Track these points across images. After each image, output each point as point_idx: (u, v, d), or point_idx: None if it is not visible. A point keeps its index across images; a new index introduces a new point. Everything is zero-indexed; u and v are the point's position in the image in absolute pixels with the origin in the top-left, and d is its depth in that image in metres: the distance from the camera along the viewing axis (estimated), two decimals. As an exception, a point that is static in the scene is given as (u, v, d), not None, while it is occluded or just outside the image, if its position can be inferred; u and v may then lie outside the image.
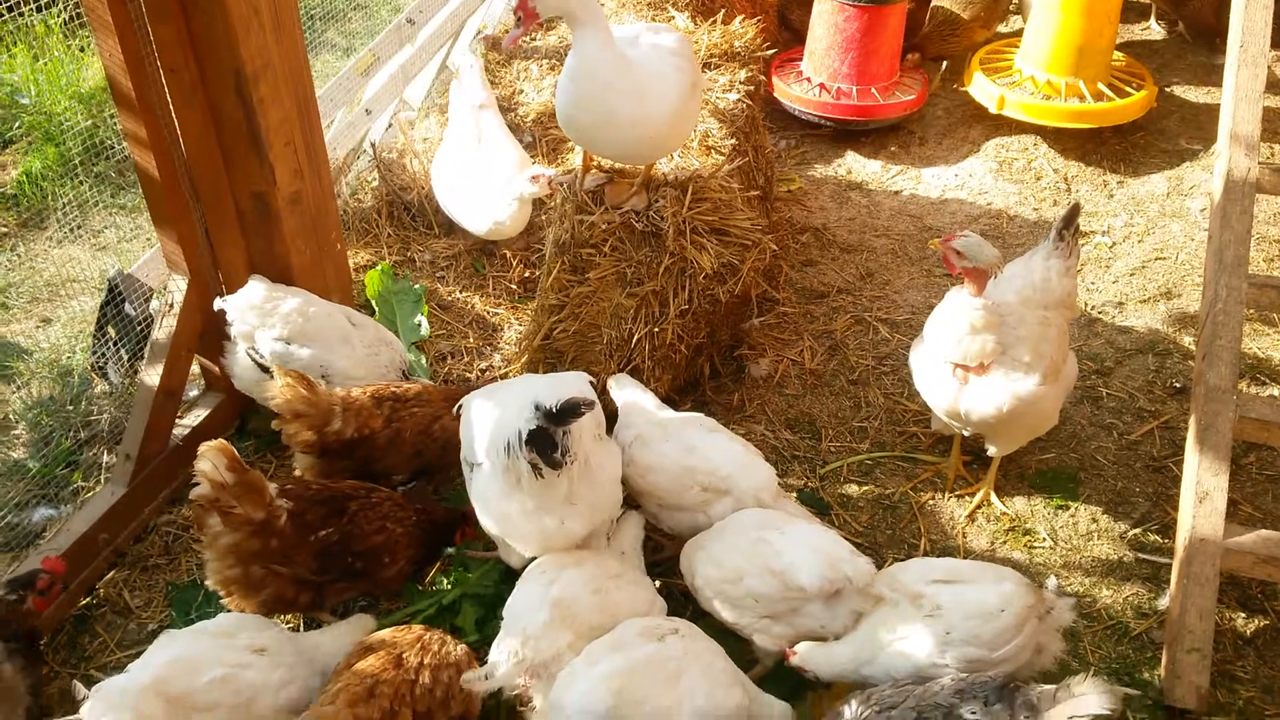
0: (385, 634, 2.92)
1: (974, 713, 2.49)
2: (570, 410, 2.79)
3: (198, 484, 3.01)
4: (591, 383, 3.35)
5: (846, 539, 3.26)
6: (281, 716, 2.79)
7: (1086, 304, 4.77)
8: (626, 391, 3.69)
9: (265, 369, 3.65)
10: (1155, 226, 5.21)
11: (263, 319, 3.62)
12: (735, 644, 3.09)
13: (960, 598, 2.89)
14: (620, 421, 3.61)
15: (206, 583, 3.19)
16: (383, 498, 3.38)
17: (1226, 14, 4.10)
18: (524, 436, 2.84)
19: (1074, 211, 3.73)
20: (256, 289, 3.66)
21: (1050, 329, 3.58)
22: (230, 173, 3.73)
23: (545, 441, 2.84)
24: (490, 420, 3.06)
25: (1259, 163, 3.70)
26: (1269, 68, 3.80)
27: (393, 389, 3.67)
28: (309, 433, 3.43)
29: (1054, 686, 2.50)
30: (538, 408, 2.85)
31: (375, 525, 3.27)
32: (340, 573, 3.21)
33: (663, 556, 3.57)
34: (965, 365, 3.51)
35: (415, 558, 3.39)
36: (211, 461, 2.97)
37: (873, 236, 5.26)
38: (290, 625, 3.45)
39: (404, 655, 2.79)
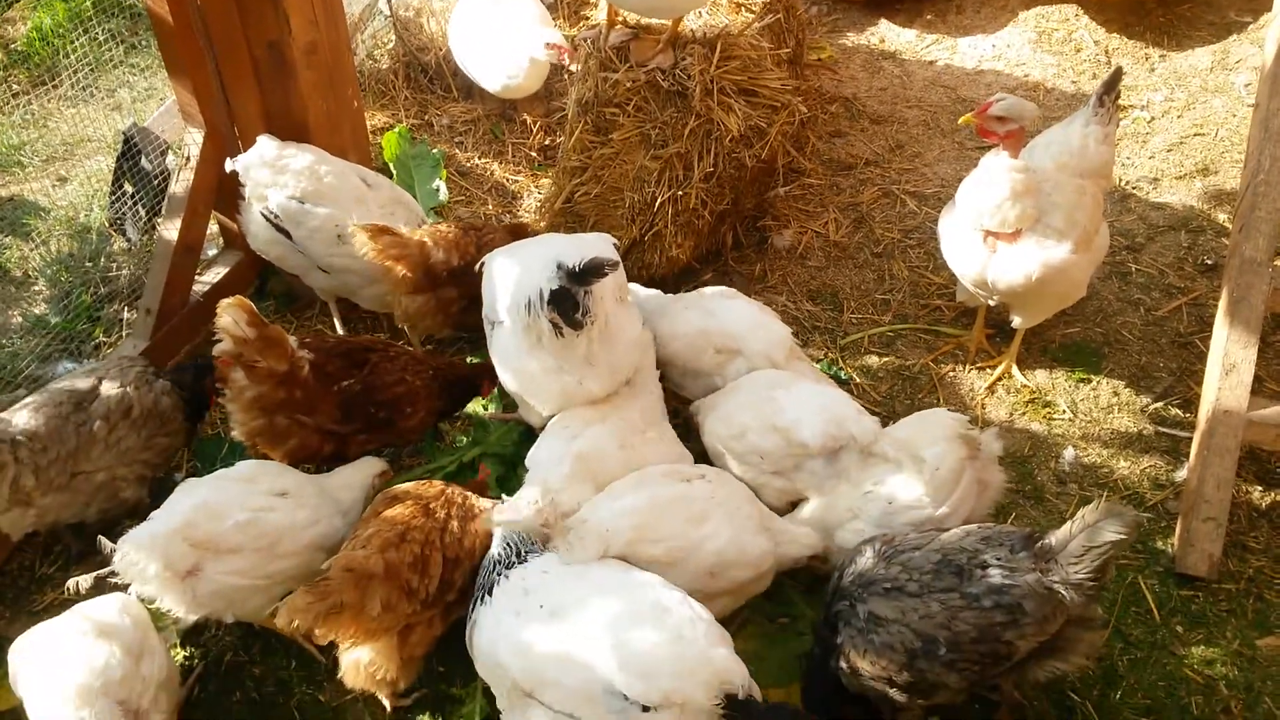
0: (408, 486, 2.96)
1: (998, 559, 2.52)
2: (594, 270, 2.76)
3: (219, 340, 3.03)
4: (615, 245, 3.32)
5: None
6: (306, 554, 2.85)
7: (1120, 179, 4.64)
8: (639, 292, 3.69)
9: (281, 229, 3.60)
10: (1196, 102, 5.03)
11: (274, 177, 3.56)
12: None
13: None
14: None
15: (233, 434, 3.23)
16: (399, 352, 3.41)
17: None
18: (545, 296, 2.81)
19: (1115, 77, 3.60)
20: (267, 146, 3.59)
21: (1085, 197, 3.49)
22: (245, 21, 3.62)
23: (567, 301, 2.82)
24: (512, 278, 3.04)
25: (1315, 26, 3.53)
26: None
27: (463, 222, 3.73)
28: (411, 272, 3.47)
29: (1069, 524, 2.51)
30: (560, 267, 2.82)
31: (395, 377, 3.30)
32: (363, 423, 3.24)
33: None
34: (998, 232, 3.44)
35: (435, 409, 3.42)
36: (232, 317, 2.97)
37: (904, 108, 5.10)
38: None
39: (431, 505, 2.83)
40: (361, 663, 2.67)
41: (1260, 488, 3.53)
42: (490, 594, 2.56)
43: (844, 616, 2.61)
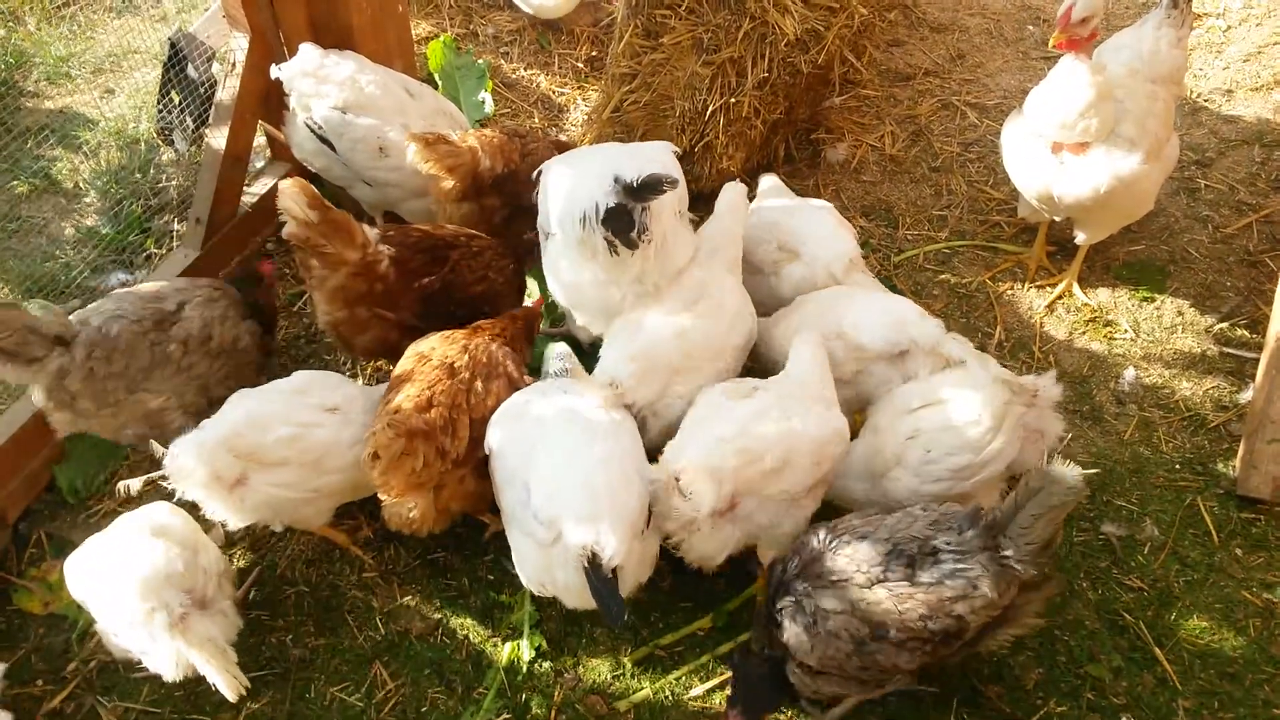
0: (434, 341, 2.94)
1: (949, 543, 2.44)
2: (653, 186, 2.67)
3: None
4: (676, 153, 3.17)
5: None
6: (353, 470, 2.84)
7: (1192, 91, 4.45)
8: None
9: (325, 140, 3.55)
10: (1277, 7, 4.77)
11: (317, 86, 3.49)
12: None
13: (938, 413, 2.78)
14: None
15: (319, 323, 3.22)
16: (484, 245, 3.36)
17: None
18: (601, 212, 2.73)
19: None
20: (310, 54, 3.52)
21: (1157, 103, 3.34)
22: (283, -78, 3.53)
23: (623, 218, 2.73)
24: (567, 189, 2.95)
25: None
26: None
27: (508, 127, 3.64)
28: (460, 182, 3.40)
29: (1013, 494, 2.40)
30: (618, 180, 2.73)
31: (477, 274, 3.28)
32: (444, 320, 3.19)
33: None
34: (1068, 144, 3.30)
35: (516, 307, 3.39)
36: (292, 199, 2.92)
37: (966, 15, 4.90)
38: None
39: (455, 365, 2.84)
40: (403, 513, 2.74)
41: (1329, 410, 3.41)
42: None
43: (789, 612, 2.52)
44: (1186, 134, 4.25)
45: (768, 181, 3.65)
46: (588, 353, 3.48)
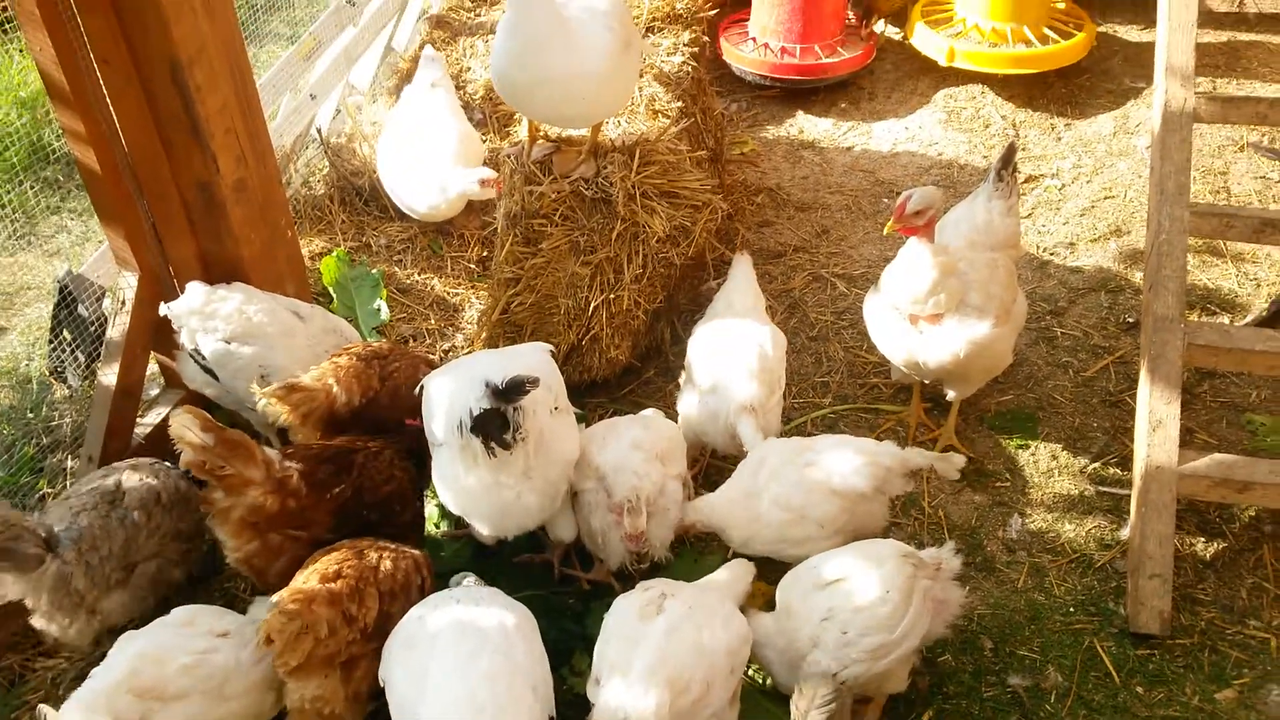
0: (341, 541, 3.01)
1: None
2: (517, 387, 2.81)
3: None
4: (551, 352, 3.38)
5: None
6: (256, 693, 2.80)
7: (1038, 246, 4.82)
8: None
9: (210, 371, 3.63)
10: (1103, 166, 5.27)
11: (204, 322, 3.58)
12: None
13: (848, 593, 2.85)
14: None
15: (228, 560, 3.16)
16: (381, 445, 3.39)
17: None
18: (473, 417, 2.85)
19: (1010, 152, 3.78)
20: (196, 292, 3.62)
21: (999, 270, 3.62)
22: (173, 163, 3.69)
23: (495, 421, 2.85)
24: (447, 398, 3.07)
25: (1195, 93, 3.74)
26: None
27: (368, 347, 3.68)
28: (320, 424, 3.42)
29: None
30: (488, 385, 2.86)
31: (384, 474, 3.30)
32: (355, 528, 3.19)
33: (592, 577, 3.49)
34: (923, 316, 3.55)
35: (422, 508, 3.40)
36: (184, 425, 2.94)
37: (827, 194, 5.28)
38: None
39: (363, 550, 2.91)
40: (307, 697, 2.66)
41: (1203, 539, 3.60)
42: None
43: None
44: (1039, 286, 4.60)
45: (648, 414, 3.73)
46: (494, 551, 3.52)
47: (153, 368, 4.11)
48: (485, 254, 4.99)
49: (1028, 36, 5.66)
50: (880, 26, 6.40)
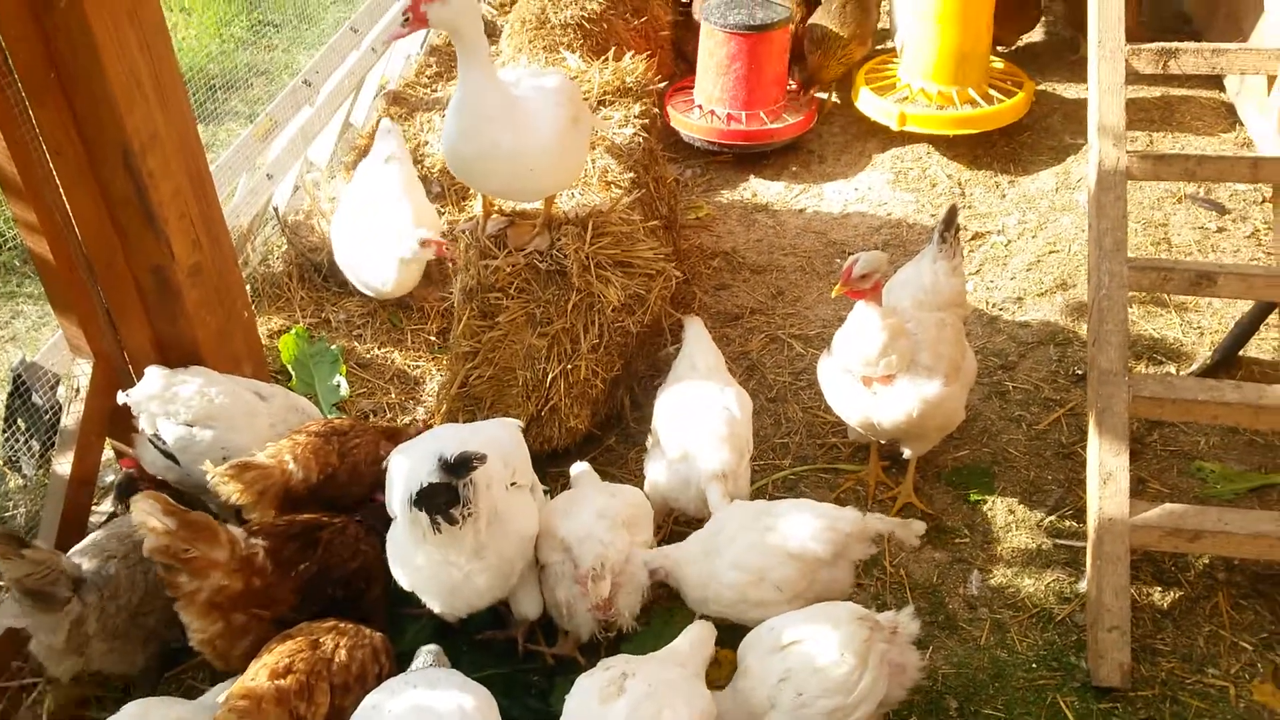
0: (301, 625, 2.98)
1: None
2: (463, 464, 2.82)
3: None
4: (521, 428, 3.42)
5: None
6: None
7: (987, 302, 4.93)
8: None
9: (170, 456, 3.61)
10: (1047, 222, 5.41)
11: (164, 407, 3.57)
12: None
13: (804, 655, 2.86)
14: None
15: (192, 644, 3.11)
16: (346, 521, 3.38)
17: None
18: (417, 490, 2.86)
19: (951, 214, 3.89)
20: (155, 378, 3.62)
21: (946, 329, 3.70)
22: (127, 250, 3.70)
23: (442, 495, 2.85)
24: (404, 475, 3.08)
25: (1127, 151, 3.88)
26: (1126, 60, 3.99)
27: (328, 424, 3.69)
28: (275, 502, 3.41)
29: None
30: (440, 460, 2.88)
31: (350, 550, 3.29)
32: (321, 605, 3.16)
33: (556, 652, 3.46)
34: (875, 378, 3.61)
35: (388, 584, 3.36)
36: (147, 512, 2.93)
37: (781, 256, 5.38)
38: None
39: (319, 640, 2.88)
40: None
41: (1159, 588, 3.65)
42: None
43: None
44: (989, 341, 4.69)
45: (579, 468, 3.78)
46: (457, 630, 3.49)
47: (108, 454, 4.07)
48: (445, 325, 5.01)
49: (972, 97, 5.84)
50: (826, 95, 6.59)
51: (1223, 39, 6.31)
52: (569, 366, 3.97)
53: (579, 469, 3.76)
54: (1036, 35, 7.17)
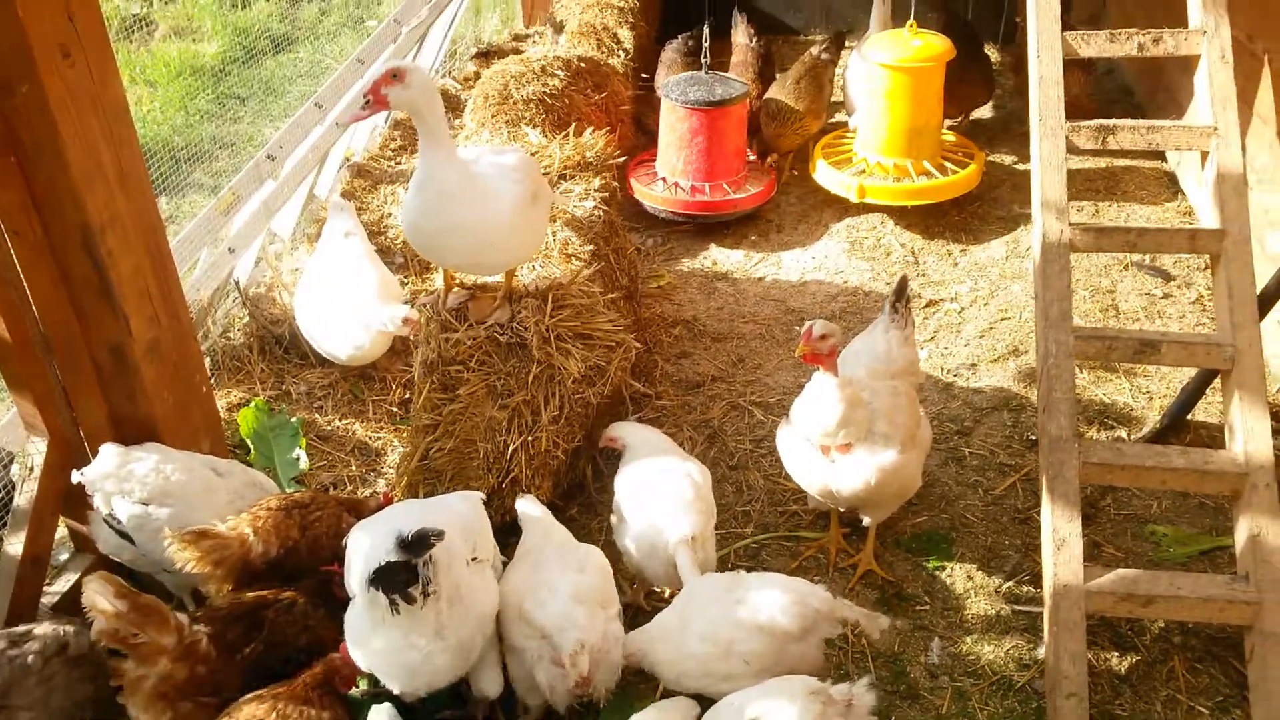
0: (263, 690, 2.94)
1: None
2: (421, 541, 2.81)
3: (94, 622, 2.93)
4: (484, 500, 3.45)
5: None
6: None
7: (942, 368, 5.02)
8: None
9: (125, 535, 3.57)
10: (998, 289, 5.55)
11: (120, 485, 3.54)
12: None
13: None
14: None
15: None
16: (294, 596, 3.34)
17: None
18: (374, 570, 2.84)
19: (902, 285, 3.99)
20: (110, 455, 3.59)
21: (901, 398, 3.77)
22: (84, 328, 3.69)
23: (400, 574, 2.83)
24: (364, 552, 3.07)
25: (1070, 224, 4.01)
26: (1066, 137, 4.15)
27: (288, 497, 3.67)
28: (232, 574, 3.38)
29: None
30: (399, 537, 2.87)
31: (298, 627, 3.25)
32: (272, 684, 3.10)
33: None
34: (834, 446, 3.66)
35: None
36: (98, 593, 2.89)
37: (741, 323, 5.46)
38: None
39: (284, 709, 2.85)
40: None
41: (1116, 653, 3.68)
42: None
43: None
44: (945, 407, 4.77)
45: (529, 510, 3.74)
46: (414, 706, 3.44)
47: (62, 531, 4.01)
48: (408, 396, 5.01)
49: (927, 169, 6.03)
50: (784, 165, 6.76)
51: (1162, 111, 6.59)
52: (530, 438, 3.99)
53: (528, 510, 3.69)
54: (986, 110, 7.42)
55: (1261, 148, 5.04)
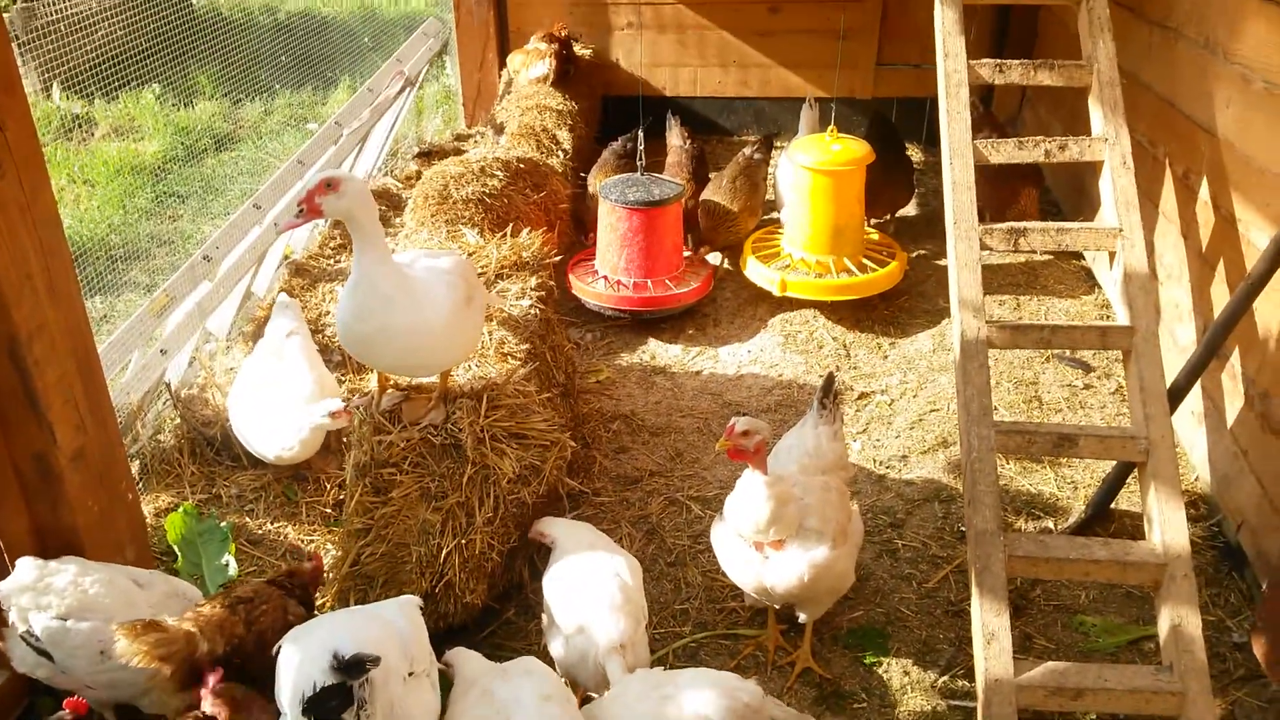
0: None
1: None
2: (358, 665, 2.78)
3: None
4: (420, 606, 3.39)
5: None
6: None
7: (874, 460, 5.12)
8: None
9: (43, 652, 3.45)
10: (926, 381, 5.70)
11: (36, 599, 3.44)
12: None
13: None
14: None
15: None
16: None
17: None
18: (308, 698, 2.79)
19: (829, 382, 4.09)
20: (27, 569, 3.49)
21: (832, 493, 3.83)
22: (7, 436, 3.62)
23: (335, 699, 2.78)
24: (294, 669, 2.99)
25: (987, 321, 4.16)
26: (980, 239, 4.34)
27: (231, 593, 3.59)
28: (179, 670, 3.26)
29: None
30: (335, 657, 2.83)
31: None
32: None
33: None
34: (767, 543, 3.69)
35: None
36: None
37: (679, 417, 5.52)
38: None
39: None
40: None
41: (1050, 745, 3.71)
42: None
43: None
44: (878, 499, 4.85)
45: (465, 664, 3.72)
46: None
47: (-26, 647, 3.86)
48: (342, 497, 4.95)
49: (848, 266, 6.23)
50: (716, 259, 6.95)
51: (1078, 214, 6.92)
52: (464, 540, 3.96)
53: (464, 664, 3.51)
54: (912, 208, 7.72)
55: (1168, 246, 5.31)
